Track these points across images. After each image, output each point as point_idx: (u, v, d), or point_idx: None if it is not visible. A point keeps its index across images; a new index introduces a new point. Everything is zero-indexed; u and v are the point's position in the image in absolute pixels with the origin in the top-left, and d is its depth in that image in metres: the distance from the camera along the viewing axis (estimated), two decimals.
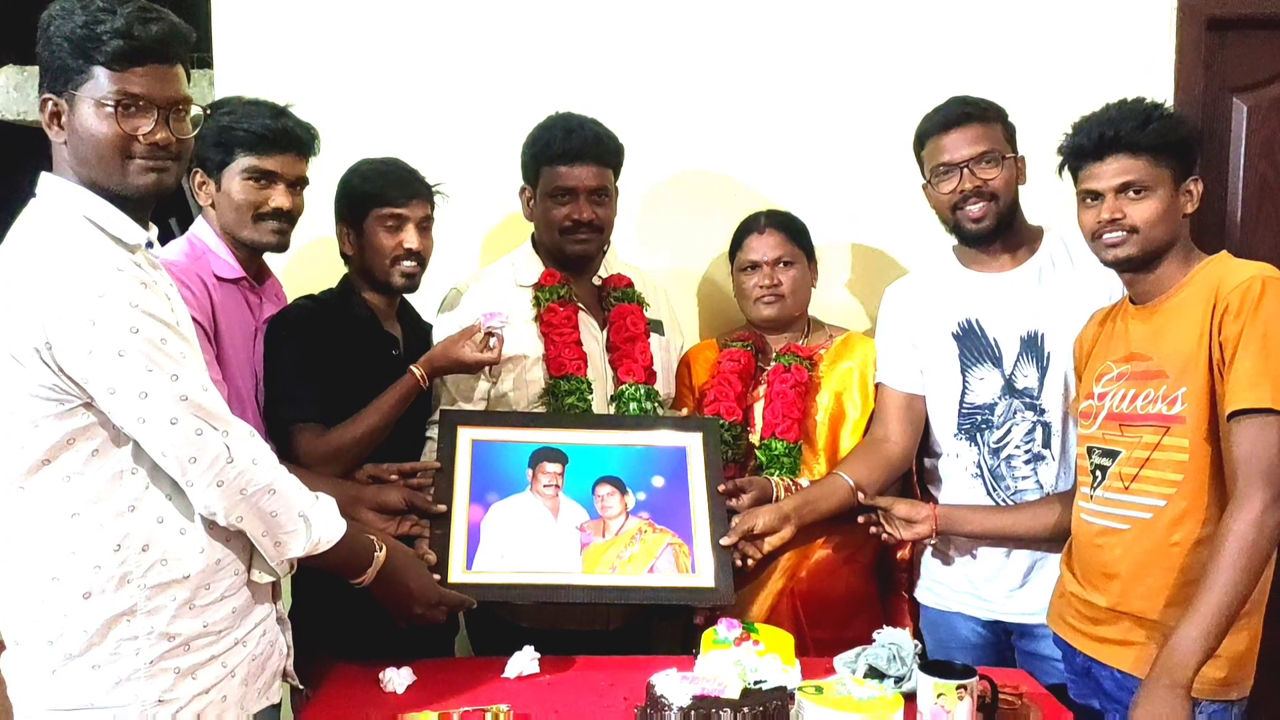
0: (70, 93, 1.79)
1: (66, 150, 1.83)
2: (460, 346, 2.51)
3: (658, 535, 2.50)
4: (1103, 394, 2.32)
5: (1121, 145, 2.22)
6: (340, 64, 3.23)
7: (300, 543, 1.92)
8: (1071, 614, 2.36)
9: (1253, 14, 3.23)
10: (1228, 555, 2.03)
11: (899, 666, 2.17)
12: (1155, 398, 2.20)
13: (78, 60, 1.78)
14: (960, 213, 2.59)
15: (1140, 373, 2.24)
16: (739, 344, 2.84)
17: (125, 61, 1.78)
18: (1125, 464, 2.24)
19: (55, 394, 1.73)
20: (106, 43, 1.77)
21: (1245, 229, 3.28)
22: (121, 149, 1.80)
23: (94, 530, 1.77)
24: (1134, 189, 2.21)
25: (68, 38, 1.77)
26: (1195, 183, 2.25)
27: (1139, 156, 2.21)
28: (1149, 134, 2.21)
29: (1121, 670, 2.23)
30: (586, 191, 2.69)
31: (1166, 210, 2.21)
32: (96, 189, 1.82)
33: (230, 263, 2.46)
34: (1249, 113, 3.29)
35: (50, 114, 1.82)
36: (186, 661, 1.83)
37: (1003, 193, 2.56)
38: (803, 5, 3.23)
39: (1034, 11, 3.21)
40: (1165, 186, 2.21)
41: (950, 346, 2.65)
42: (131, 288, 1.74)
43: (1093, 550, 2.30)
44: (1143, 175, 2.21)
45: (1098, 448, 2.31)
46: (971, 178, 2.55)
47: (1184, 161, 2.24)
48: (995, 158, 2.55)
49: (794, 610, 2.67)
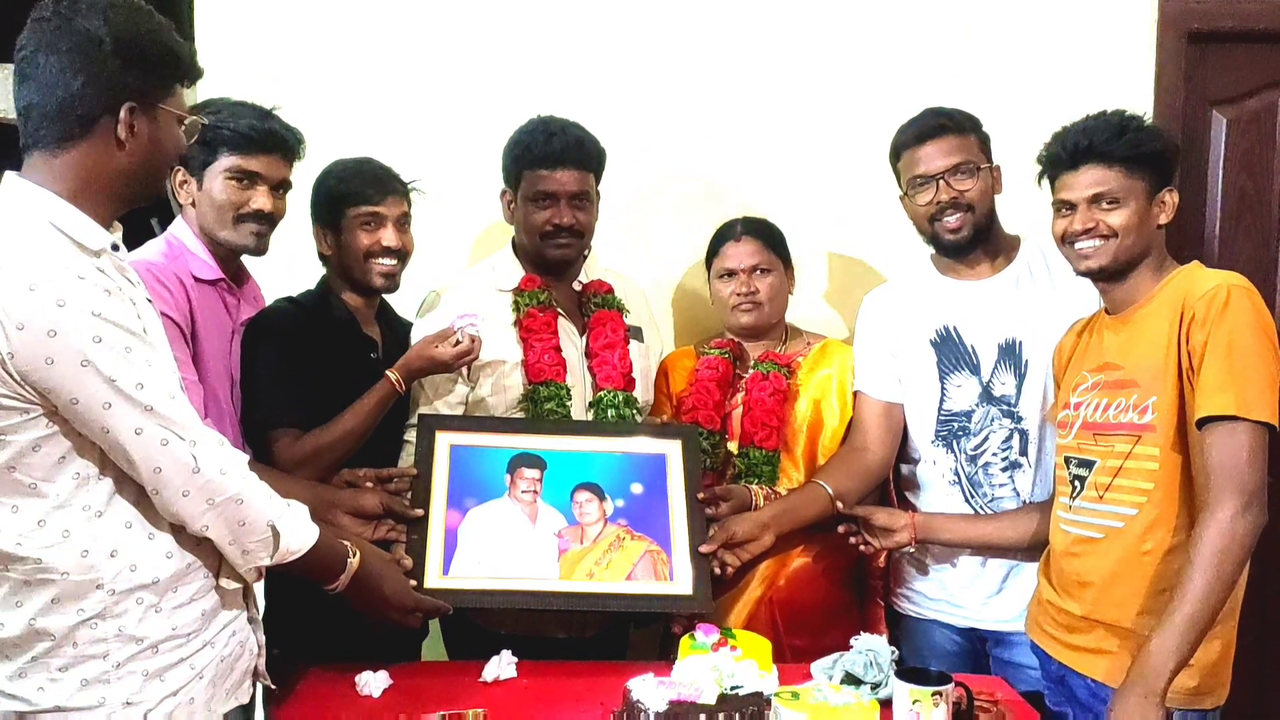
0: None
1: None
2: (435, 347, 2.49)
3: (636, 542, 2.49)
4: (1078, 404, 2.33)
5: (1095, 156, 2.24)
6: (323, 65, 3.23)
7: (267, 552, 1.91)
8: (1048, 622, 2.37)
9: (1233, 28, 3.26)
10: (1200, 563, 2.03)
11: (876, 673, 2.17)
12: (1126, 406, 2.21)
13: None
14: (937, 224, 2.60)
15: (1113, 382, 2.26)
16: (717, 351, 2.84)
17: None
18: (1100, 473, 2.25)
19: (19, 402, 1.70)
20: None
21: (1224, 241, 3.31)
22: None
23: (61, 537, 1.75)
24: (1106, 200, 2.23)
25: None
26: (1170, 193, 2.26)
27: (1112, 167, 2.23)
28: (1123, 145, 2.23)
29: (1095, 679, 2.23)
30: (567, 196, 2.68)
31: (1139, 221, 2.23)
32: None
33: (209, 263, 2.44)
34: (1228, 125, 3.33)
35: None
36: (154, 664, 1.81)
37: (978, 203, 2.57)
38: (784, 14, 3.25)
39: (1015, 23, 3.23)
40: (1138, 198, 2.23)
41: (928, 354, 2.65)
42: (94, 296, 1.71)
43: (1067, 559, 2.31)
44: (1115, 186, 2.22)
45: (1075, 457, 2.32)
46: (947, 189, 2.56)
47: (1158, 173, 2.25)
48: (970, 169, 2.56)
49: (772, 618, 2.67)
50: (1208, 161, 3.33)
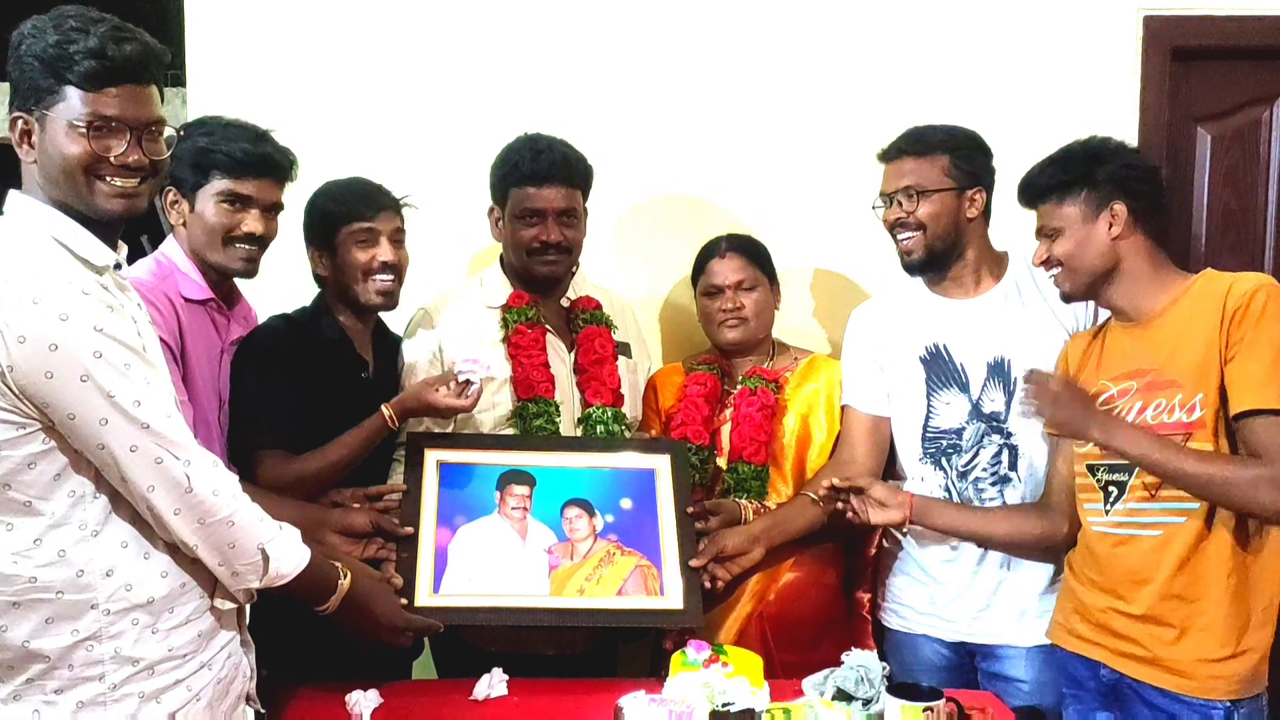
0: (41, 112, 1.76)
1: (36, 169, 1.80)
2: (434, 391, 2.47)
3: (626, 557, 2.49)
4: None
5: (1037, 190, 2.42)
6: (314, 83, 3.23)
7: (257, 575, 1.91)
8: (1088, 629, 2.38)
9: (1217, 45, 3.28)
10: (1214, 460, 2.17)
11: (867, 689, 2.17)
12: (1169, 406, 2.25)
13: (49, 80, 1.75)
14: (897, 242, 2.65)
15: (1149, 385, 2.29)
16: (704, 367, 2.85)
17: (98, 82, 1.75)
18: (1147, 474, 2.27)
19: (16, 416, 1.70)
20: (79, 62, 1.74)
21: (1210, 256, 3.32)
22: (92, 169, 1.77)
23: (56, 556, 1.75)
24: (1048, 232, 2.39)
25: (39, 57, 1.74)
26: (1118, 205, 2.32)
27: (1061, 203, 2.37)
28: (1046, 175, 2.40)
29: (1158, 686, 2.26)
30: (555, 213, 2.68)
31: (1078, 246, 2.35)
32: (65, 209, 1.79)
33: (199, 283, 2.42)
34: (1213, 142, 3.35)
35: (20, 132, 1.79)
36: (151, 685, 1.81)
37: (930, 224, 2.60)
38: (770, 33, 3.26)
39: (999, 41, 3.25)
40: (1075, 223, 2.35)
41: (917, 370, 2.66)
42: (96, 311, 1.72)
43: (1114, 559, 2.33)
44: (1052, 219, 2.38)
45: (1103, 464, 2.34)
46: (896, 209, 2.62)
47: (1115, 190, 2.34)
48: (918, 192, 2.59)
49: (762, 633, 2.67)
50: (1193, 177, 3.35)
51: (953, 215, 2.61)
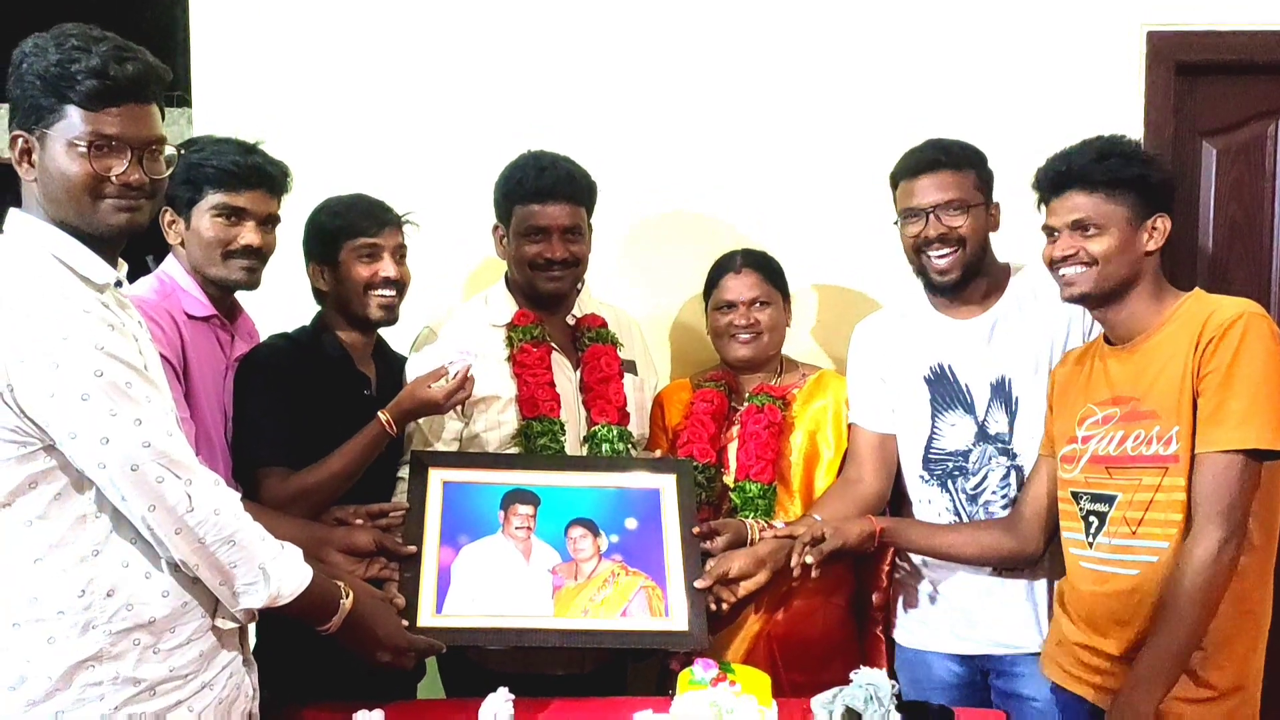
0: (42, 131, 1.77)
1: (36, 188, 1.80)
2: (426, 387, 2.47)
3: (631, 578, 2.47)
4: (1087, 437, 2.31)
5: (1076, 181, 2.25)
6: (319, 102, 3.25)
7: (258, 595, 1.89)
8: (1072, 663, 2.33)
9: (1221, 60, 3.27)
10: (1186, 591, 2.06)
11: (876, 708, 2.14)
12: (1148, 438, 2.20)
13: (50, 99, 1.75)
14: (925, 259, 2.58)
15: (1130, 414, 2.24)
16: (712, 384, 2.83)
17: (100, 101, 1.76)
18: (1128, 508, 2.22)
19: (17, 436, 1.70)
20: (81, 82, 1.74)
21: (1216, 270, 3.32)
22: (93, 189, 1.77)
23: (57, 575, 1.73)
24: (1088, 226, 2.24)
25: (40, 75, 1.75)
26: (1161, 219, 2.25)
27: (1093, 193, 2.24)
28: (1102, 170, 2.23)
29: None
30: (559, 230, 2.68)
31: (1120, 248, 2.23)
32: (66, 227, 1.79)
33: (201, 300, 2.43)
34: (1218, 156, 3.34)
35: (20, 151, 1.80)
36: (152, 706, 1.80)
37: (969, 239, 2.55)
38: (779, 48, 3.26)
39: (1005, 57, 3.25)
40: (1119, 224, 2.23)
41: (921, 390, 2.64)
42: (97, 330, 1.72)
43: (1096, 599, 2.27)
44: (1094, 213, 2.23)
45: (1086, 493, 2.30)
46: (936, 224, 2.54)
47: (1145, 199, 2.25)
48: (962, 206, 2.54)
49: (770, 653, 2.65)
50: (1198, 192, 3.34)
51: (984, 231, 2.59)
